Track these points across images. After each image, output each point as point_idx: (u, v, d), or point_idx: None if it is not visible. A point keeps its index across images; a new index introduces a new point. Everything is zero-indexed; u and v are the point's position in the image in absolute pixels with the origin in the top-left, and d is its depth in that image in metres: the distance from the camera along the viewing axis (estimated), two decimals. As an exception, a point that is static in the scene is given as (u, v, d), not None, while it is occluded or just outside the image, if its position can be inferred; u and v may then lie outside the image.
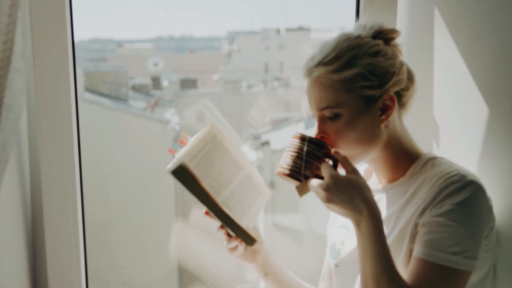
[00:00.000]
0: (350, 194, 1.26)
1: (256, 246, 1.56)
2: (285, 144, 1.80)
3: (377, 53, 1.39)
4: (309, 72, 1.42)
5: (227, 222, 1.42)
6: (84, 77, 3.76)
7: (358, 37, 1.41)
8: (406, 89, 1.40)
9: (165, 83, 4.28)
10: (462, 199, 1.27)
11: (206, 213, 1.46)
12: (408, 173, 1.40)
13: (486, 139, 1.46)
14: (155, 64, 4.27)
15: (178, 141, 1.46)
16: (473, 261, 1.25)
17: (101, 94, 3.96)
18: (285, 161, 1.37)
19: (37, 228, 1.74)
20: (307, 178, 1.34)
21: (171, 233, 2.23)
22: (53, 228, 1.69)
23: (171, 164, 1.40)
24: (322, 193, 1.28)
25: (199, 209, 1.49)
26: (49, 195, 1.67)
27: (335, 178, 1.28)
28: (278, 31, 4.33)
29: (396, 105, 1.41)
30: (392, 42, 1.46)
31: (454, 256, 1.24)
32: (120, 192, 2.88)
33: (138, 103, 4.33)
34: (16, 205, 1.61)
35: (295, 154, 1.35)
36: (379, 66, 1.36)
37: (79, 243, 1.70)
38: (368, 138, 1.38)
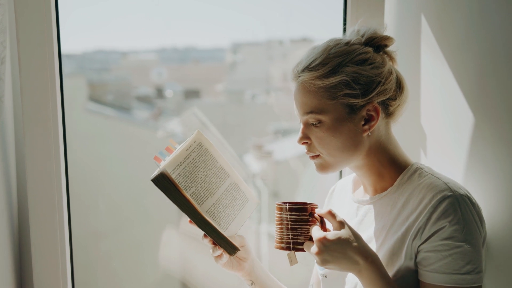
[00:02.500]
0: (341, 251, 1.28)
1: (242, 254, 1.57)
2: (288, 154, 1.82)
3: (363, 62, 1.39)
4: (296, 76, 1.44)
5: (209, 230, 1.43)
6: (88, 88, 3.77)
7: (347, 43, 1.42)
8: (394, 98, 1.40)
9: (168, 93, 4.28)
10: (460, 216, 1.28)
11: (191, 221, 1.47)
12: (395, 183, 1.40)
13: (474, 147, 1.46)
14: (159, 74, 4.27)
15: (165, 149, 1.47)
16: (483, 273, 1.27)
17: (105, 104, 3.97)
18: (278, 235, 1.40)
19: (23, 237, 1.75)
20: (302, 243, 1.36)
21: (168, 243, 2.22)
22: (39, 239, 1.70)
23: (155, 173, 1.41)
24: (315, 257, 1.30)
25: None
26: (35, 204, 1.69)
27: (323, 240, 1.30)
28: (281, 42, 4.32)
29: (382, 114, 1.41)
30: (385, 50, 1.46)
31: (469, 275, 1.26)
32: (121, 201, 2.87)
33: (141, 112, 4.33)
34: (2, 214, 1.62)
35: (283, 226, 1.38)
36: (364, 75, 1.36)
37: (65, 254, 1.71)
38: (350, 146, 1.39)
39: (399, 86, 1.45)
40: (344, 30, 1.52)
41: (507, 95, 1.38)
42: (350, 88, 1.39)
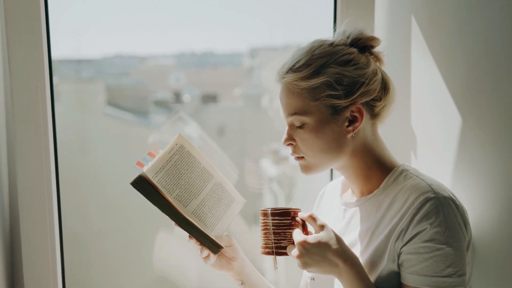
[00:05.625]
0: (321, 254, 1.28)
1: (230, 253, 1.58)
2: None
3: (347, 62, 1.38)
4: (281, 77, 1.44)
5: (191, 230, 1.44)
6: (106, 92, 3.84)
7: (331, 44, 1.42)
8: (378, 99, 1.39)
9: (186, 97, 4.31)
10: (442, 218, 1.27)
11: (176, 224, 1.48)
12: (381, 185, 1.40)
13: (463, 149, 1.45)
14: (177, 79, 4.30)
15: (147, 154, 1.48)
16: (466, 276, 1.25)
17: (123, 109, 4.03)
18: (263, 240, 1.42)
19: (15, 237, 1.77)
20: (285, 247, 1.38)
21: (163, 245, 2.23)
22: (30, 239, 1.72)
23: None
24: (297, 261, 1.30)
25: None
26: (25, 205, 1.71)
27: (304, 243, 1.31)
28: (299, 46, 4.31)
29: (367, 115, 1.40)
30: (371, 50, 1.45)
31: (450, 278, 1.24)
32: (118, 202, 2.90)
33: (159, 117, 4.38)
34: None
35: (267, 231, 1.39)
36: (347, 76, 1.36)
37: (55, 254, 1.72)
38: (333, 148, 1.39)
39: (385, 87, 1.45)
40: (334, 31, 1.51)
41: (496, 97, 1.36)
42: (333, 89, 1.39)
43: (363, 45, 1.46)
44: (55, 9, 2.69)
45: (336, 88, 1.39)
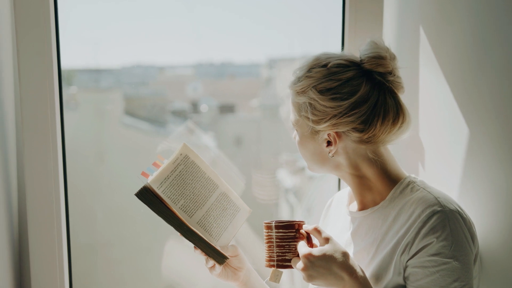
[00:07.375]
0: (326, 267, 1.27)
1: (236, 263, 1.57)
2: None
3: (326, 91, 1.37)
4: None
5: (195, 240, 1.43)
6: (124, 102, 3.87)
7: (325, 65, 1.39)
8: (358, 131, 1.34)
9: (203, 107, 4.32)
10: (448, 232, 1.25)
11: (181, 234, 1.48)
12: (388, 197, 1.38)
13: (471, 160, 1.43)
14: (195, 89, 4.31)
15: (152, 164, 1.49)
16: None
17: (141, 118, 4.06)
18: (267, 253, 1.40)
19: (23, 244, 1.78)
20: (290, 260, 1.36)
21: (172, 254, 2.22)
22: (38, 247, 1.73)
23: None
24: (302, 274, 1.29)
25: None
26: (34, 212, 1.72)
27: (308, 256, 1.29)
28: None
29: (348, 140, 1.37)
30: (378, 77, 1.40)
31: None
32: (127, 210, 2.91)
33: (176, 127, 4.41)
34: (2, 221, 1.65)
35: (271, 244, 1.38)
36: (321, 104, 1.35)
37: (63, 262, 1.73)
38: (316, 160, 1.39)
39: (372, 119, 1.40)
40: (342, 44, 1.51)
41: (504, 108, 1.34)
42: (306, 112, 1.41)
43: (367, 69, 1.43)
44: (74, 18, 2.72)
45: (308, 112, 1.42)
